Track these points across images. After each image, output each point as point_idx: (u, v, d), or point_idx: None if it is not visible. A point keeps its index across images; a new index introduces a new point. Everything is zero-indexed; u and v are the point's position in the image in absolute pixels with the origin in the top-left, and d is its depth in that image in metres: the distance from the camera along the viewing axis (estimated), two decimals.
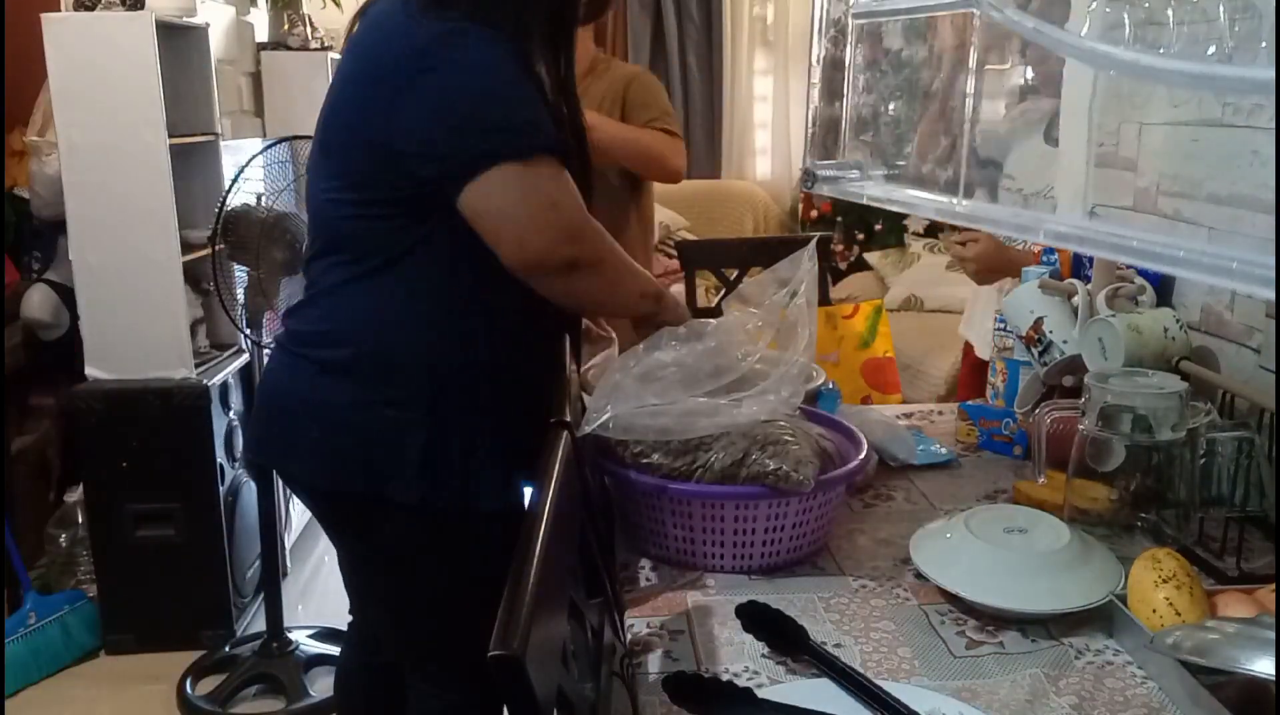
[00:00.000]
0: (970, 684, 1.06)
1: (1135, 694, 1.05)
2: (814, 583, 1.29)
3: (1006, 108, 1.02)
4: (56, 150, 2.57)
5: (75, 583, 2.78)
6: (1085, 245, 0.85)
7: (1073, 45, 0.77)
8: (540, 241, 1.23)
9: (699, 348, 1.35)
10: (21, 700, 2.53)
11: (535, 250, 1.23)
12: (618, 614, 1.17)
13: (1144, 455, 1.33)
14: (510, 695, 0.73)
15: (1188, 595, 1.09)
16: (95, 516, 2.65)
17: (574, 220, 1.25)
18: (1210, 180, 1.56)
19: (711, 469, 1.27)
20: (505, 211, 1.22)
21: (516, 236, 1.22)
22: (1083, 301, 1.60)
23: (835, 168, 1.08)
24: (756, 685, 1.03)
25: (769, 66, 5.11)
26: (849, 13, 1.07)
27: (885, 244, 4.78)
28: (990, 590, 1.17)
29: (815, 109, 1.12)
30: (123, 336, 2.59)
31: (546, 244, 1.23)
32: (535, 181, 1.22)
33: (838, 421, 1.49)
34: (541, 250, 1.23)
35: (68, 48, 2.45)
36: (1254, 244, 0.58)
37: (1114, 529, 1.33)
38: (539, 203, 1.22)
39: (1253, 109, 1.44)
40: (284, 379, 1.37)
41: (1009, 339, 1.76)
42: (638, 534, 1.36)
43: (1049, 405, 1.50)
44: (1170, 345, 1.51)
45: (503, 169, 1.20)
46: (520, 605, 0.78)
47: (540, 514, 0.94)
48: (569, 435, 1.21)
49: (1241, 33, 0.66)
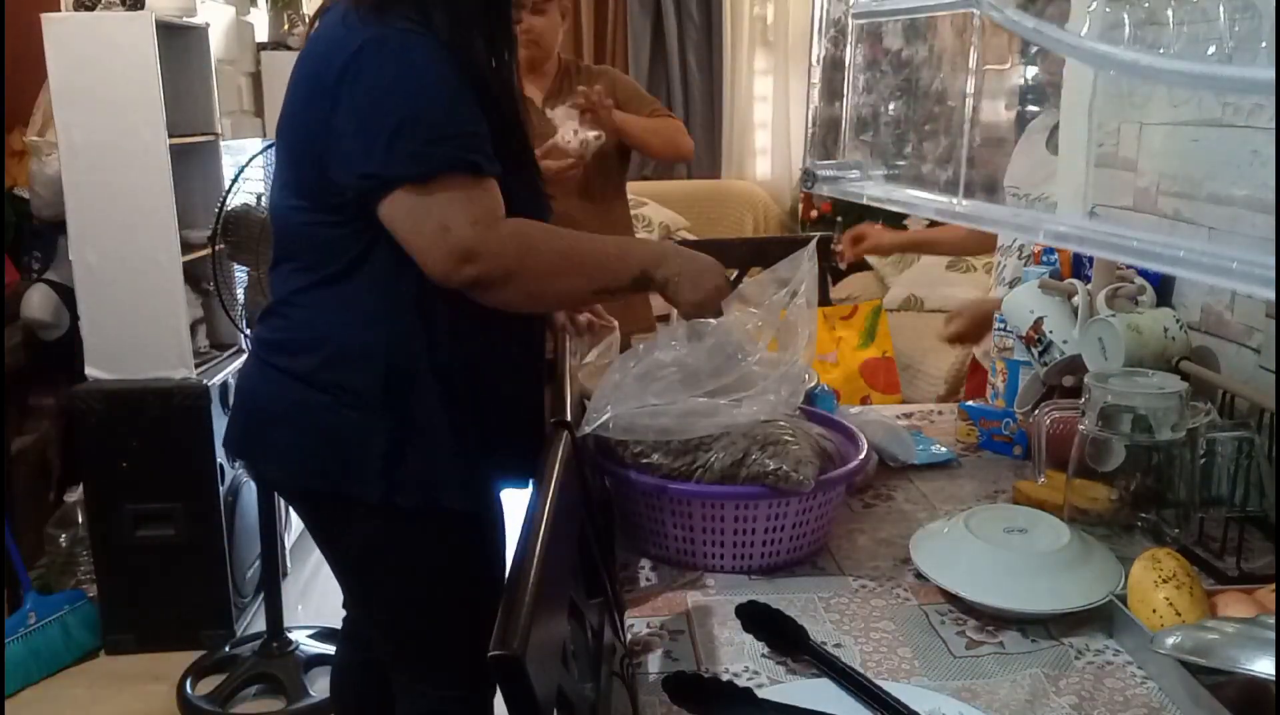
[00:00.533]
0: (970, 684, 1.06)
1: (1135, 694, 1.05)
2: (814, 583, 1.29)
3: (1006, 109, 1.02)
4: (56, 150, 2.57)
5: (75, 583, 2.78)
6: (1085, 245, 0.85)
7: (1073, 45, 0.77)
8: (437, 265, 1.24)
9: (699, 347, 1.35)
10: (21, 700, 2.53)
11: (436, 273, 1.24)
12: (618, 614, 1.17)
13: (1144, 455, 1.33)
14: (510, 695, 0.73)
15: (1188, 595, 1.09)
16: (95, 516, 2.65)
17: (464, 242, 1.22)
18: (1210, 180, 1.56)
19: (711, 469, 1.28)
20: (404, 235, 1.24)
21: (420, 257, 1.25)
22: (1083, 301, 1.60)
23: (835, 168, 1.08)
24: (756, 685, 1.03)
25: (769, 66, 5.11)
26: (849, 13, 1.07)
27: None
28: (990, 590, 1.17)
29: (815, 109, 1.12)
30: (123, 336, 2.59)
31: (443, 267, 1.23)
32: (428, 206, 1.22)
33: (837, 421, 1.49)
34: (441, 273, 1.24)
35: (68, 48, 2.44)
36: (1254, 244, 0.58)
37: (1114, 529, 1.33)
38: (431, 227, 1.22)
39: (1253, 109, 1.44)
40: (255, 383, 1.41)
41: (1009, 339, 1.76)
42: (638, 534, 1.36)
43: (1049, 405, 1.50)
44: (1170, 345, 1.51)
45: (396, 195, 1.22)
46: (520, 605, 0.78)
47: (540, 514, 0.94)
48: (569, 435, 1.21)
49: (1241, 33, 0.66)
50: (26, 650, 2.56)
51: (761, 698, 0.99)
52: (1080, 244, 0.82)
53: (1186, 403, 1.31)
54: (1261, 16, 0.64)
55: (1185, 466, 1.33)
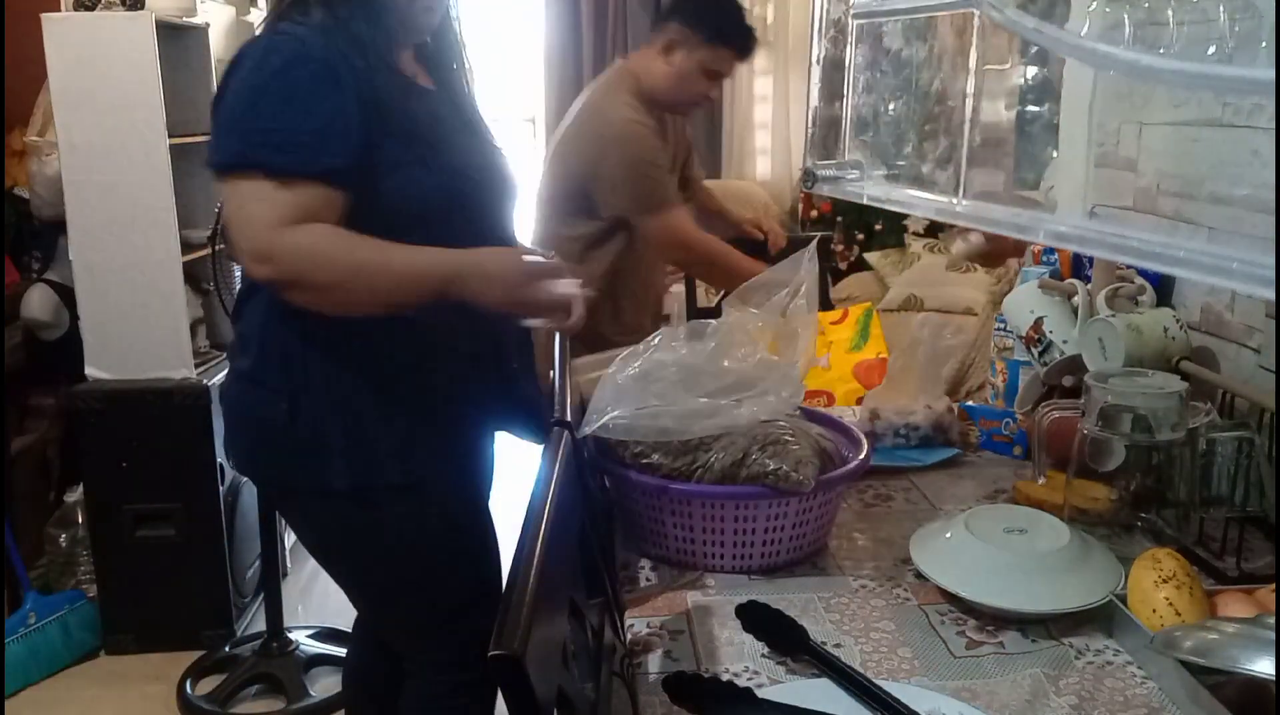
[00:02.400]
0: (970, 684, 1.06)
1: (1135, 694, 1.05)
2: (814, 583, 1.29)
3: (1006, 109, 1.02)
4: (56, 150, 2.57)
5: (75, 583, 2.78)
6: (1085, 245, 0.85)
7: (1073, 45, 0.77)
8: (241, 260, 1.29)
9: (699, 348, 1.35)
10: (21, 700, 2.53)
11: (242, 267, 1.30)
12: (618, 614, 1.17)
13: (1144, 455, 1.33)
14: (510, 695, 0.73)
15: (1188, 595, 1.09)
16: (95, 516, 2.65)
17: (258, 243, 1.24)
18: (1210, 180, 1.56)
19: (711, 469, 1.28)
20: (226, 226, 1.33)
21: (233, 250, 1.33)
22: (1083, 301, 1.60)
23: (835, 168, 1.08)
24: (756, 685, 1.03)
25: (769, 66, 5.11)
26: (849, 13, 1.07)
27: (885, 244, 4.78)
28: (990, 590, 1.17)
29: (815, 109, 1.12)
30: (123, 336, 2.59)
31: (245, 264, 1.28)
32: (238, 201, 1.26)
33: (837, 421, 1.49)
34: (245, 269, 1.29)
35: (68, 48, 2.44)
36: (1254, 244, 0.58)
37: (1114, 529, 1.33)
38: (238, 222, 1.27)
39: (1253, 109, 1.44)
40: (228, 385, 1.48)
41: (1009, 339, 1.76)
42: (638, 534, 1.36)
43: (1049, 405, 1.50)
44: (1170, 345, 1.51)
45: (223, 188, 1.28)
46: (520, 605, 0.78)
47: (540, 514, 0.94)
48: (569, 435, 1.21)
49: (1241, 33, 0.66)
50: (26, 650, 2.56)
51: (761, 698, 0.99)
52: (1080, 244, 0.82)
53: (1186, 403, 1.31)
54: (1261, 16, 0.64)
55: (1185, 466, 1.33)
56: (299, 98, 1.26)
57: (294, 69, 1.26)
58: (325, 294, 1.27)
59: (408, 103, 1.35)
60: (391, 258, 1.29)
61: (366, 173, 1.29)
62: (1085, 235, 0.78)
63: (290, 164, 1.25)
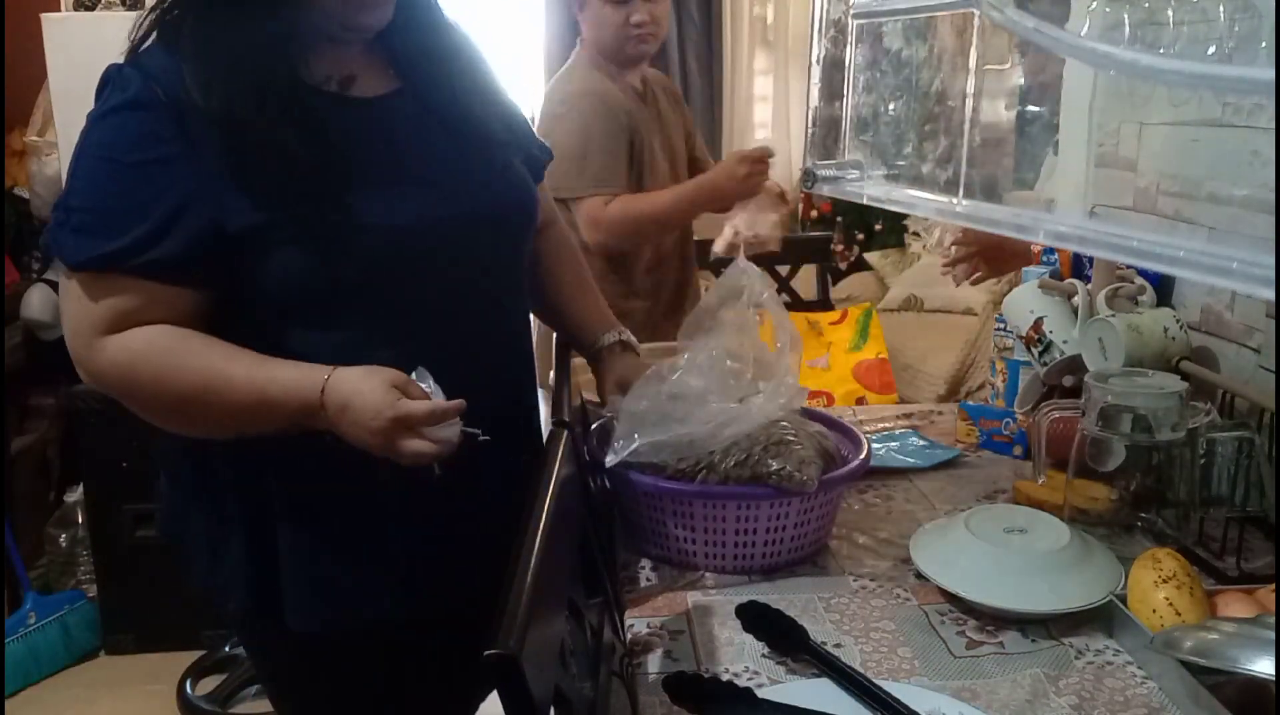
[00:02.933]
0: (970, 684, 1.06)
1: (1135, 694, 1.05)
2: (814, 583, 1.29)
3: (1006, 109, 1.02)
4: (56, 150, 2.57)
5: (75, 583, 2.78)
6: (1085, 245, 0.85)
7: (1073, 45, 0.77)
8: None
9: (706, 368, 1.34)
10: (21, 700, 2.53)
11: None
12: (618, 614, 1.17)
13: (1144, 455, 1.33)
14: (506, 695, 0.73)
15: (1188, 595, 1.09)
16: (95, 516, 2.65)
17: (75, 354, 1.07)
18: (1210, 180, 1.56)
19: (715, 469, 1.27)
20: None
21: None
22: (1083, 301, 1.60)
23: (835, 168, 1.08)
24: (756, 685, 1.03)
25: (769, 66, 5.11)
26: (849, 13, 1.07)
27: (885, 244, 4.78)
28: (990, 590, 1.17)
29: (815, 109, 1.12)
30: None
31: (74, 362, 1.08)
32: (64, 296, 1.07)
33: (837, 421, 1.49)
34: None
35: (68, 48, 2.44)
36: (1254, 244, 0.58)
37: (1114, 529, 1.33)
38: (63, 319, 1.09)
39: (1253, 109, 1.44)
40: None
41: (1009, 339, 1.76)
42: (638, 534, 1.36)
43: (1049, 405, 1.50)
44: (1170, 345, 1.51)
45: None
46: (518, 604, 0.78)
47: (540, 514, 0.94)
48: (569, 435, 1.21)
49: (1241, 33, 0.66)
50: (26, 650, 2.56)
51: (761, 698, 0.99)
52: (1080, 244, 0.82)
53: (1186, 403, 1.31)
54: (1261, 16, 0.64)
55: (1185, 466, 1.33)
56: (119, 163, 1.03)
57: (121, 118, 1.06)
58: (158, 417, 1.09)
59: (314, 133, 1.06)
60: (233, 379, 1.04)
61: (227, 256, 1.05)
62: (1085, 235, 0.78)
63: (97, 255, 1.01)
